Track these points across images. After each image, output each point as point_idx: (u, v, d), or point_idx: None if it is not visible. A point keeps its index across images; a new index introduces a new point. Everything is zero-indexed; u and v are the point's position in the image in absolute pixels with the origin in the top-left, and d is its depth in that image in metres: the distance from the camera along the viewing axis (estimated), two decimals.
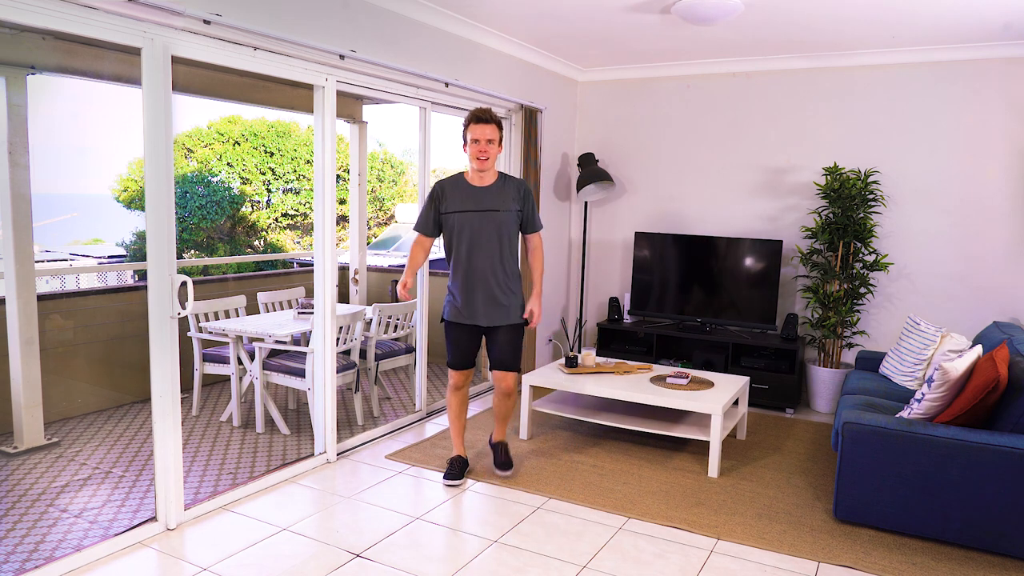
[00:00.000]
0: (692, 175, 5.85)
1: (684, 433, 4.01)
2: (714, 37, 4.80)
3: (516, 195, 3.58)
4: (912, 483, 3.11)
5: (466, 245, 3.54)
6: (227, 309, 4.88)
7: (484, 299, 3.57)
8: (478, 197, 3.55)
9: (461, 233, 3.54)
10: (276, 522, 3.21)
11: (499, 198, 3.55)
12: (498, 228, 3.53)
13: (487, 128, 3.48)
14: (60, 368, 4.63)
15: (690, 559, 3.00)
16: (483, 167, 3.52)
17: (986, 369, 3.08)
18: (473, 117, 3.51)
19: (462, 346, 3.71)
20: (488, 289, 3.56)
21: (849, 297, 5.06)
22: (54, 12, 2.55)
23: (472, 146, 3.52)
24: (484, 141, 3.48)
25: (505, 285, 3.58)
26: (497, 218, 3.53)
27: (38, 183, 4.02)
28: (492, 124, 3.49)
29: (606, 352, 5.74)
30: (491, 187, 3.57)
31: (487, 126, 3.48)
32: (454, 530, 3.21)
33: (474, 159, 3.51)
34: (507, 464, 3.82)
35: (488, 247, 3.53)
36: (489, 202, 3.54)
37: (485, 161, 3.50)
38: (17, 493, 3.47)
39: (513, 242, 3.62)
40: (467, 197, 3.55)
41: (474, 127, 3.49)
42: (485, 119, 3.48)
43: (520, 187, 3.61)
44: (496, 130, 3.51)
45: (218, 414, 4.75)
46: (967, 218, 4.97)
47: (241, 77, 4.95)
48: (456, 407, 3.81)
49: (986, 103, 4.85)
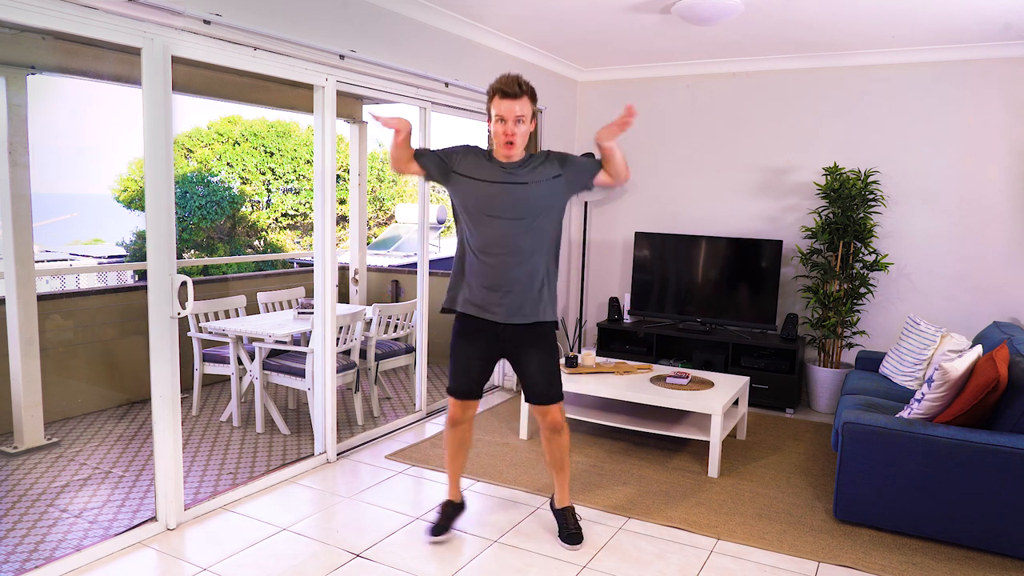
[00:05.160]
0: (692, 175, 5.85)
1: (684, 433, 4.01)
2: (714, 37, 4.80)
3: (553, 161, 2.87)
4: (912, 483, 3.11)
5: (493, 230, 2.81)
6: (227, 309, 4.88)
7: (504, 293, 2.84)
8: (502, 168, 2.83)
9: (477, 209, 2.82)
10: (276, 522, 3.21)
11: (529, 170, 2.83)
12: (528, 207, 2.80)
13: (516, 103, 2.74)
14: (60, 368, 4.63)
15: (690, 559, 3.00)
16: (510, 153, 2.80)
17: (986, 369, 3.08)
18: (498, 89, 2.77)
19: (470, 366, 2.99)
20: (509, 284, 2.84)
21: (849, 297, 5.06)
22: (54, 12, 2.55)
23: (497, 125, 2.78)
24: (512, 120, 2.76)
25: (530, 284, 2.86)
26: (528, 193, 2.79)
27: (38, 183, 4.02)
28: (523, 97, 2.76)
29: (606, 352, 5.74)
30: (519, 161, 2.86)
31: (516, 101, 2.74)
32: (454, 530, 3.21)
33: (499, 143, 2.79)
34: (576, 536, 3.06)
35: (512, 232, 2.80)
36: (517, 174, 2.82)
37: (512, 146, 2.79)
38: (17, 493, 3.47)
39: (545, 230, 2.86)
40: (491, 170, 2.83)
41: (499, 102, 2.75)
42: (512, 92, 2.74)
43: (553, 156, 2.89)
44: (528, 103, 2.78)
45: (218, 414, 4.75)
46: (967, 218, 4.97)
47: (241, 77, 4.95)
48: (453, 446, 3.14)
49: (986, 103, 4.85)
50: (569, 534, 3.08)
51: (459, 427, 3.11)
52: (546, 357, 2.97)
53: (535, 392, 2.99)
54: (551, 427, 3.02)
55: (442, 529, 3.11)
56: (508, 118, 2.75)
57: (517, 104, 2.75)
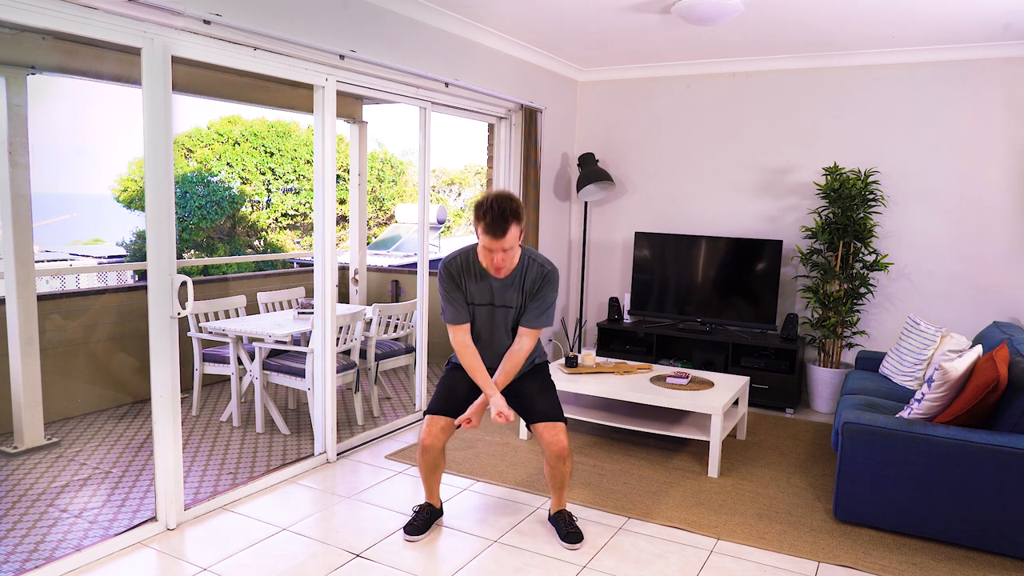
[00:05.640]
0: (692, 175, 5.85)
1: (684, 433, 4.01)
2: (714, 37, 4.80)
3: (531, 288, 3.00)
4: (912, 483, 3.11)
5: (481, 326, 3.09)
6: (227, 309, 4.88)
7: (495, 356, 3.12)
8: (493, 291, 3.02)
9: (476, 318, 3.09)
10: (276, 522, 3.21)
11: (514, 293, 3.02)
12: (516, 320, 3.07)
13: (503, 241, 2.80)
14: (60, 368, 4.63)
15: (690, 559, 3.00)
16: (500, 275, 2.96)
17: (986, 369, 3.08)
18: (486, 225, 2.79)
19: (457, 390, 3.09)
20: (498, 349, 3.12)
21: (849, 297, 5.06)
22: (54, 12, 2.55)
23: (484, 252, 2.90)
24: (499, 252, 2.85)
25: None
26: (512, 314, 3.06)
27: (38, 183, 4.02)
28: (508, 233, 2.79)
29: (606, 352, 5.74)
30: (508, 280, 3.00)
31: (502, 240, 2.80)
32: (454, 530, 3.21)
33: (490, 269, 2.94)
34: (575, 535, 3.08)
35: (503, 331, 3.09)
36: (506, 296, 3.02)
37: (501, 270, 2.92)
38: (17, 493, 3.47)
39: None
40: (482, 289, 3.02)
41: (484, 236, 2.82)
42: (498, 233, 2.78)
43: (539, 279, 2.99)
44: (516, 233, 2.82)
45: (218, 414, 4.75)
46: (967, 218, 4.97)
47: (241, 77, 4.95)
48: (426, 469, 3.13)
49: (986, 103, 4.85)
50: (568, 533, 3.09)
51: (429, 454, 3.07)
52: (542, 383, 3.13)
53: (538, 411, 3.03)
54: (557, 455, 3.01)
55: (418, 530, 3.11)
56: (495, 250, 2.86)
57: (505, 240, 2.82)
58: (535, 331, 3.03)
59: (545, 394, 3.07)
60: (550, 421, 3.00)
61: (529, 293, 3.00)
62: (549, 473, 3.10)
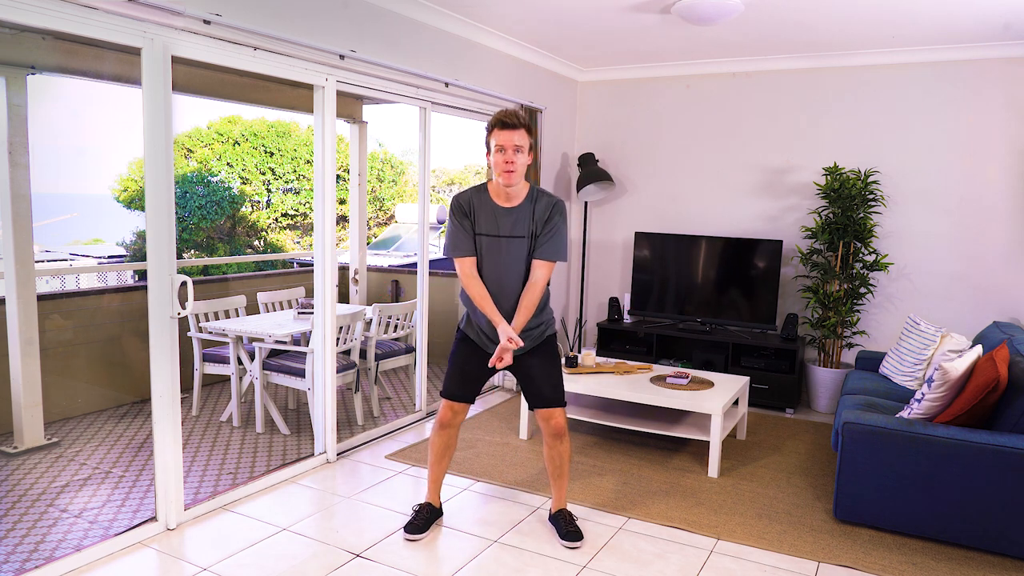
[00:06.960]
0: (692, 175, 5.85)
1: (684, 433, 4.01)
2: (714, 37, 4.80)
3: (542, 216, 3.03)
4: (912, 483, 3.11)
5: (491, 269, 3.06)
6: (227, 309, 4.88)
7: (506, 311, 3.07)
8: (504, 221, 3.03)
9: (486, 257, 3.06)
10: (276, 522, 3.21)
11: (526, 222, 3.04)
12: (527, 255, 3.05)
13: (515, 133, 2.91)
14: (60, 368, 4.63)
15: (690, 559, 3.00)
16: (510, 181, 2.95)
17: (986, 369, 3.08)
18: (498, 121, 2.95)
19: (469, 371, 3.14)
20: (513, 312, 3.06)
21: (849, 297, 5.06)
22: (54, 12, 2.55)
23: (496, 155, 2.94)
24: (511, 149, 2.91)
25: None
26: (525, 244, 3.05)
27: (38, 183, 4.02)
28: (521, 129, 2.93)
29: (606, 352, 5.74)
30: (519, 208, 3.03)
31: (514, 131, 2.91)
32: (454, 530, 3.21)
33: (500, 171, 2.95)
34: (576, 534, 3.11)
35: (515, 273, 3.05)
36: (516, 227, 3.03)
37: (512, 174, 2.93)
38: (17, 493, 3.47)
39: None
40: (492, 219, 3.04)
41: (499, 132, 2.92)
42: (512, 123, 2.92)
43: (549, 207, 3.05)
44: (525, 135, 2.95)
45: (218, 414, 4.75)
46: (967, 218, 4.97)
47: (241, 77, 4.95)
48: (439, 449, 3.21)
49: (986, 103, 4.85)
50: (568, 532, 3.11)
51: (447, 431, 3.18)
52: (549, 363, 3.13)
53: (540, 396, 3.10)
54: (554, 433, 3.10)
55: (418, 529, 3.14)
56: (507, 147, 2.90)
57: (516, 134, 2.90)
58: (550, 263, 3.04)
59: (550, 381, 3.11)
60: (552, 407, 3.10)
61: (540, 221, 3.02)
62: (548, 455, 3.17)
